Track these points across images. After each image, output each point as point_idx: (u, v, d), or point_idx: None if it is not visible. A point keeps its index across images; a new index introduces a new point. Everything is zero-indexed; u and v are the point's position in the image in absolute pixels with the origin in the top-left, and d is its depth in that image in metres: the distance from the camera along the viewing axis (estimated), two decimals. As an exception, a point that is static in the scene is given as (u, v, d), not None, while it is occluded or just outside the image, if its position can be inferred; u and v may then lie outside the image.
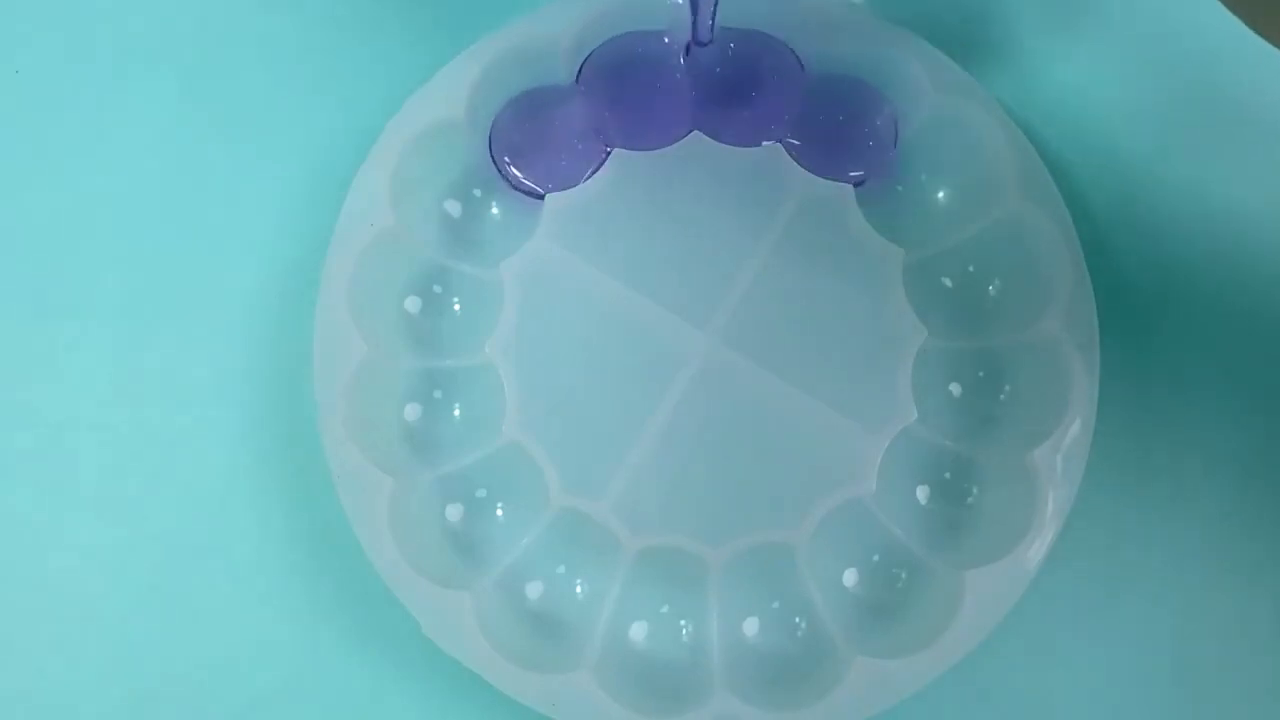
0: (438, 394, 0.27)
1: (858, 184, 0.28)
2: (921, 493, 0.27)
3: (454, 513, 0.27)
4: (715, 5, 0.26)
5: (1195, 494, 0.28)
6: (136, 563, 0.28)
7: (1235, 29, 0.21)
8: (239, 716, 0.27)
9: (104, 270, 0.29)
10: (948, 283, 0.28)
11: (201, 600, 0.27)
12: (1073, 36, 0.30)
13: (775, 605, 0.26)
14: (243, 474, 0.28)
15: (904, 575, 0.26)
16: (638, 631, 0.26)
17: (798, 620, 0.26)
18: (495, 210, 0.29)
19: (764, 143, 0.28)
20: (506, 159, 0.28)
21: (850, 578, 0.27)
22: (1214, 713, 0.27)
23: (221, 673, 0.27)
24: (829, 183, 0.28)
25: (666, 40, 0.28)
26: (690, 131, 0.28)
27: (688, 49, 0.28)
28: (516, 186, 0.28)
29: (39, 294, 0.29)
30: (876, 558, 0.27)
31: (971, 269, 0.28)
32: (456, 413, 0.27)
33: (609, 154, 0.28)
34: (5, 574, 0.28)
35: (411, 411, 0.27)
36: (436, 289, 0.28)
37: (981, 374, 0.28)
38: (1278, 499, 0.28)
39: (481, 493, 0.27)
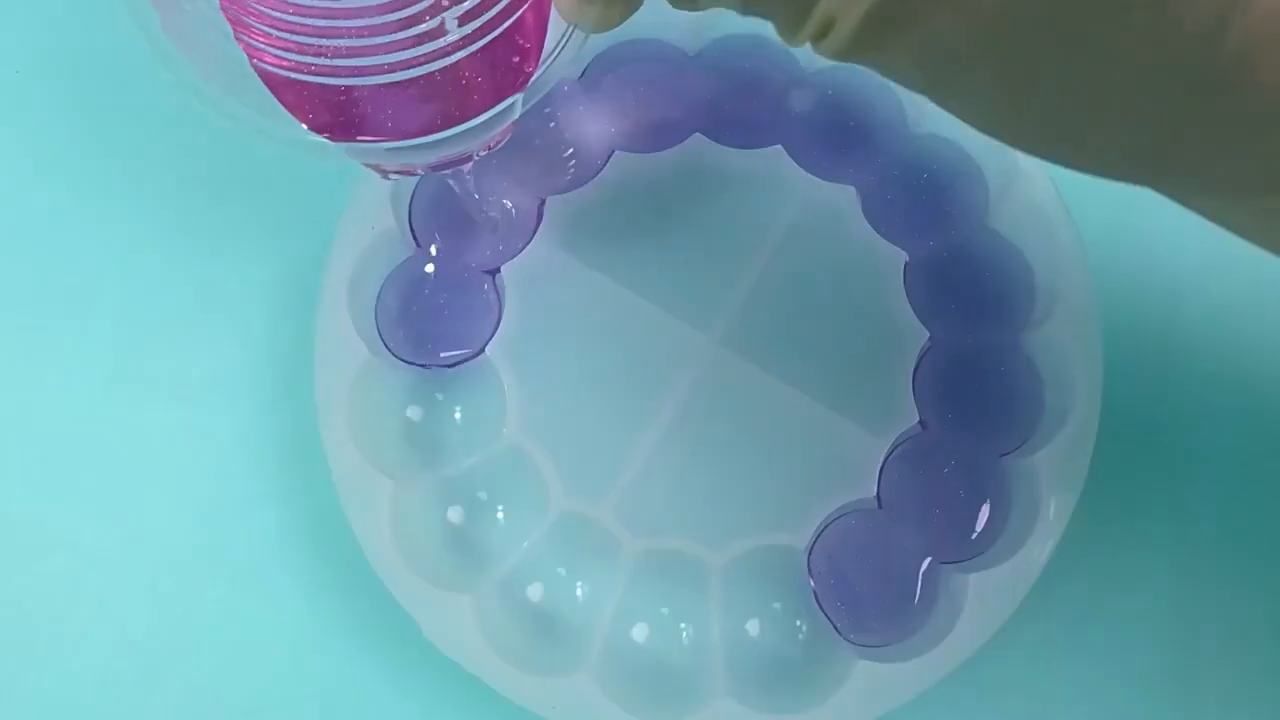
0: (439, 396, 0.27)
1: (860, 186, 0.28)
2: (922, 495, 0.27)
3: (455, 515, 0.27)
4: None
5: (1196, 496, 0.28)
6: (136, 563, 0.28)
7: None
8: (238, 717, 0.27)
9: (104, 270, 0.29)
10: (949, 284, 0.28)
11: (201, 601, 0.27)
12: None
13: (776, 607, 0.26)
14: (243, 475, 0.28)
15: (906, 577, 0.26)
16: (638, 634, 0.26)
17: (799, 623, 0.26)
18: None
19: (765, 145, 0.28)
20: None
21: (850, 580, 0.27)
22: (1215, 713, 0.27)
23: (220, 673, 0.27)
24: (830, 185, 0.28)
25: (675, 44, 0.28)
26: (691, 133, 0.28)
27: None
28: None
29: (39, 294, 0.29)
30: (877, 559, 0.27)
31: (972, 270, 0.28)
32: (457, 415, 0.27)
33: (610, 156, 0.28)
34: (5, 574, 0.28)
35: (413, 413, 0.27)
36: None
37: (982, 374, 0.27)
38: (1279, 500, 0.28)
39: (482, 495, 0.27)
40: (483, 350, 0.27)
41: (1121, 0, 0.13)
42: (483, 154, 0.21)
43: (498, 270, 0.28)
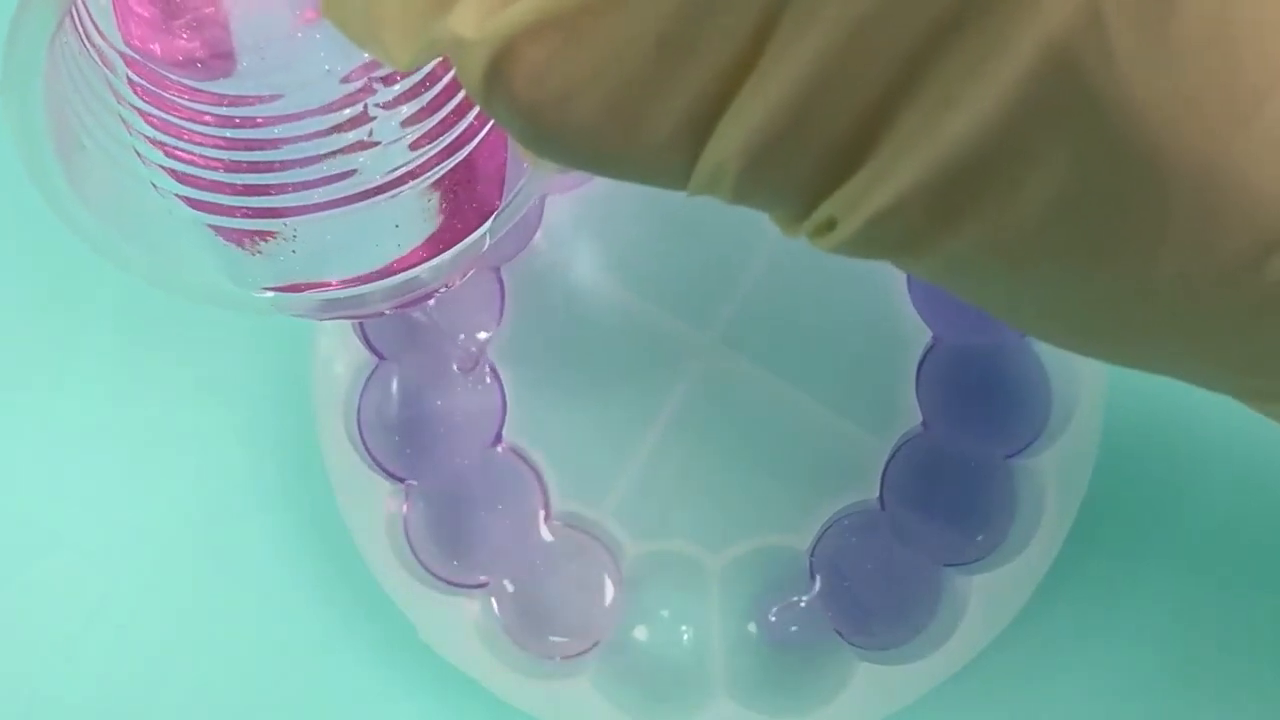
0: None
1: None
2: (925, 497, 0.27)
3: (453, 516, 0.27)
4: None
5: (1203, 497, 0.28)
6: (136, 564, 0.28)
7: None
8: (234, 718, 0.27)
9: (104, 270, 0.29)
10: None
11: (199, 601, 0.27)
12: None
13: (777, 609, 0.26)
14: (241, 477, 0.28)
15: (909, 580, 0.26)
16: (638, 637, 0.26)
17: (799, 626, 0.26)
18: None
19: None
20: None
21: (852, 583, 0.26)
22: (1217, 716, 0.27)
23: (217, 675, 0.27)
24: (833, 182, 0.28)
25: None
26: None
27: None
28: None
29: (40, 293, 0.29)
30: (880, 561, 0.27)
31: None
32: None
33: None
34: (5, 574, 0.28)
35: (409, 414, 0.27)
36: (436, 290, 0.28)
37: (985, 375, 0.27)
38: (1284, 502, 0.28)
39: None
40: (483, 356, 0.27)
41: (1156, 229, 0.12)
42: (444, 291, 0.20)
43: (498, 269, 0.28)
